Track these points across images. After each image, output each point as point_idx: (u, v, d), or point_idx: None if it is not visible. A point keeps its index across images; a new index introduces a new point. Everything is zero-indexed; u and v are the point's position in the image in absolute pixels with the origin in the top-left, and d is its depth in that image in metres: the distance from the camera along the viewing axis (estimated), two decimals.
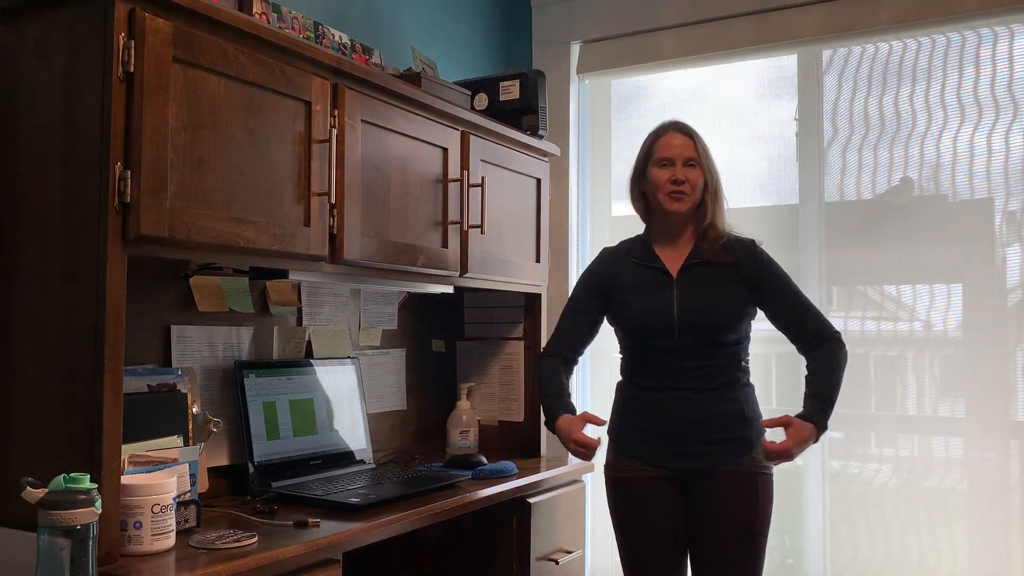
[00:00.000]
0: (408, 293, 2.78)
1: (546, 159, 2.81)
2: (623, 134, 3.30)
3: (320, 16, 2.52)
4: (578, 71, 3.32)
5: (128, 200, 1.50)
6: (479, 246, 2.44)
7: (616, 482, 2.16)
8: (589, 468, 2.72)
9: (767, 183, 3.03)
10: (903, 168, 2.80)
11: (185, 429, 1.91)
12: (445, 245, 2.31)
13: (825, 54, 2.93)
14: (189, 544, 1.60)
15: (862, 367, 2.85)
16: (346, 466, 2.34)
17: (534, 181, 2.74)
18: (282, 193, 1.82)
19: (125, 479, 1.53)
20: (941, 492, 2.72)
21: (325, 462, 2.29)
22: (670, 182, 2.12)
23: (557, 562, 2.44)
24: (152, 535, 1.54)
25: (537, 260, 2.75)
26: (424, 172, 2.25)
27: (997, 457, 2.66)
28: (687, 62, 3.13)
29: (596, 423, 2.07)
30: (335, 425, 2.37)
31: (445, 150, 2.32)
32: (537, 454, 2.78)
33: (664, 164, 2.14)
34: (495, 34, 3.39)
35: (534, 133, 2.71)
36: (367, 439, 2.46)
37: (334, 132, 1.93)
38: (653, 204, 2.18)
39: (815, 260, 2.90)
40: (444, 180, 2.32)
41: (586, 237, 3.35)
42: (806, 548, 2.88)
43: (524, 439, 2.81)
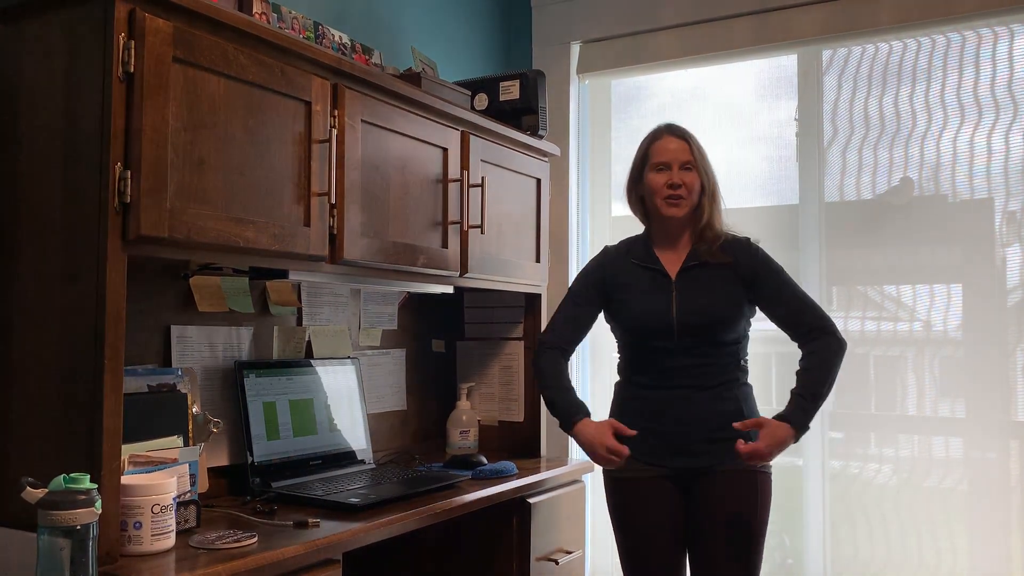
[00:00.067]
0: (408, 293, 2.78)
1: (546, 159, 2.81)
2: (623, 134, 3.30)
3: (320, 16, 2.52)
4: (578, 71, 3.32)
5: (128, 200, 1.50)
6: (479, 246, 2.44)
7: (615, 482, 2.16)
8: (589, 468, 2.72)
9: (767, 183, 3.03)
10: (903, 168, 2.80)
11: (185, 429, 1.91)
12: (445, 245, 2.31)
13: (825, 54, 2.93)
14: (189, 544, 1.60)
15: (862, 367, 2.84)
16: (346, 466, 2.34)
17: (534, 181, 2.74)
18: (282, 193, 1.82)
19: (125, 479, 1.53)
20: (941, 492, 2.72)
21: (325, 462, 2.29)
22: (667, 187, 2.12)
23: (557, 562, 2.44)
24: (152, 535, 1.54)
25: (537, 260, 2.75)
26: (424, 172, 2.25)
27: (997, 457, 2.66)
28: (687, 62, 3.13)
29: (624, 432, 2.04)
30: (335, 425, 2.37)
31: (445, 150, 2.32)
32: (537, 454, 2.78)
33: (660, 169, 2.14)
34: (495, 34, 3.39)
35: (534, 133, 2.71)
36: (367, 439, 2.46)
37: (334, 132, 1.93)
38: (651, 208, 2.19)
39: (815, 260, 2.90)
40: (444, 180, 2.32)
41: (586, 237, 3.35)
42: (806, 548, 2.88)
43: (524, 439, 2.81)
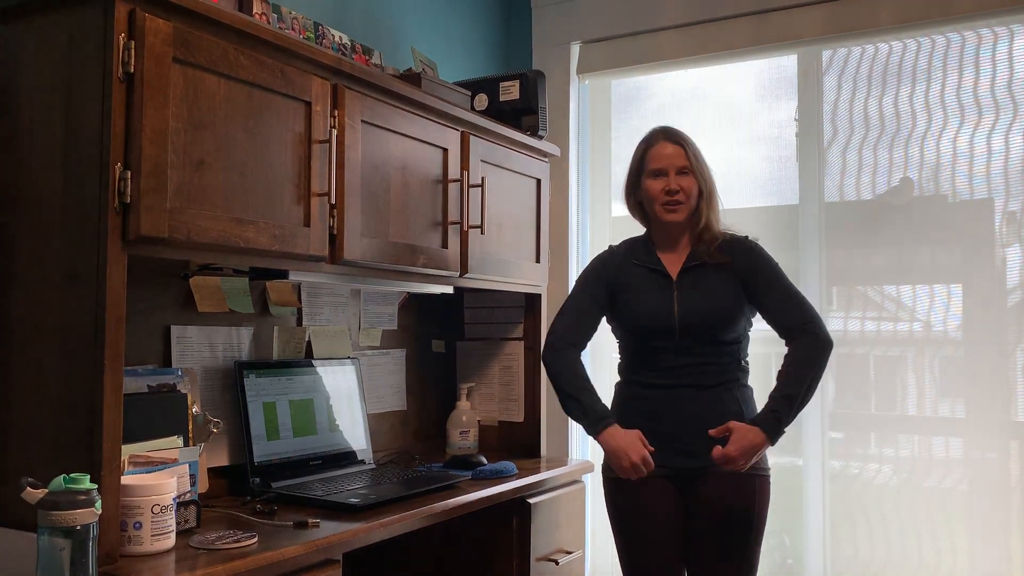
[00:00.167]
0: (408, 293, 2.78)
1: (546, 159, 2.81)
2: (623, 134, 3.30)
3: (320, 16, 2.52)
4: (578, 71, 3.32)
5: (128, 201, 1.50)
6: (479, 246, 2.44)
7: (615, 482, 2.16)
8: (589, 468, 2.72)
9: (767, 183, 3.02)
10: (903, 168, 2.80)
11: (185, 429, 1.91)
12: (445, 245, 2.31)
13: (825, 54, 2.93)
14: (189, 544, 1.60)
15: (862, 367, 2.84)
16: (346, 466, 2.34)
17: (534, 181, 2.74)
18: (282, 193, 1.82)
19: (125, 479, 1.53)
20: (941, 492, 2.72)
21: (325, 462, 2.29)
22: (664, 193, 2.13)
23: (557, 562, 2.44)
24: (152, 535, 1.54)
25: (537, 260, 2.75)
26: (424, 172, 2.25)
27: (997, 457, 2.66)
28: (687, 62, 3.13)
29: (647, 447, 2.03)
30: (335, 425, 2.37)
31: (445, 150, 2.32)
32: (537, 454, 2.78)
33: (657, 175, 2.15)
34: (495, 34, 3.39)
35: (534, 133, 2.71)
36: (367, 439, 2.46)
37: (334, 132, 1.93)
38: (650, 213, 2.20)
39: (815, 260, 2.90)
40: (444, 180, 2.32)
41: (586, 237, 3.35)
42: (806, 548, 2.88)
43: (524, 439, 2.81)
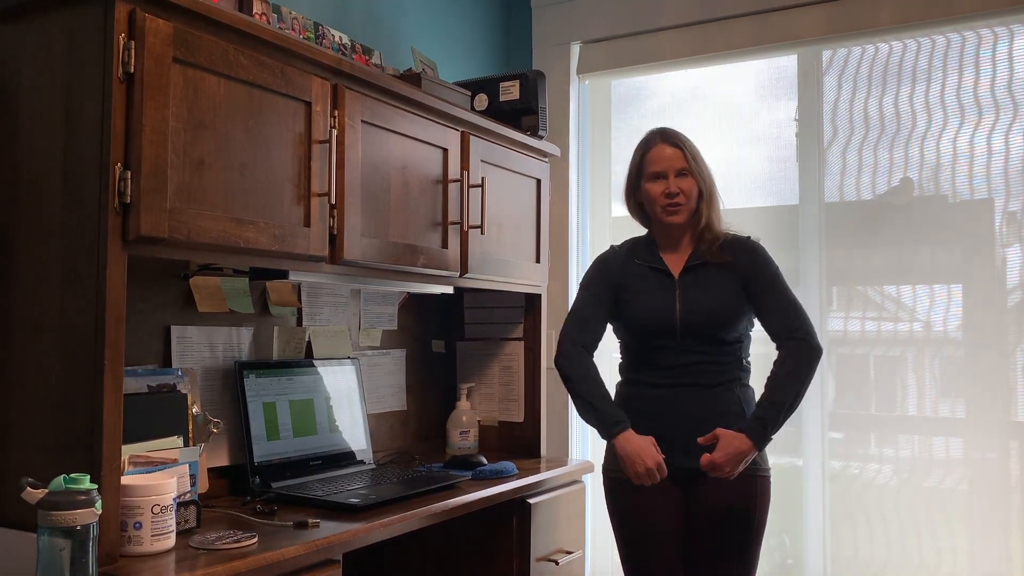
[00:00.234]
0: (408, 293, 2.78)
1: (546, 159, 2.81)
2: (623, 134, 3.30)
3: (320, 17, 2.52)
4: (578, 71, 3.32)
5: (128, 201, 1.50)
6: (479, 246, 2.44)
7: (616, 482, 2.16)
8: (589, 468, 2.72)
9: (767, 183, 3.02)
10: (903, 169, 2.80)
11: (185, 429, 1.91)
12: (445, 245, 2.31)
13: (825, 54, 2.93)
14: (189, 545, 1.60)
15: (862, 367, 2.84)
16: (346, 467, 2.34)
17: (534, 181, 2.74)
18: (282, 193, 1.82)
19: (125, 479, 1.53)
20: (941, 492, 2.72)
21: (325, 463, 2.29)
22: (664, 195, 2.13)
23: (557, 563, 2.44)
24: (152, 536, 1.54)
25: (537, 260, 2.75)
26: (424, 172, 2.25)
27: (997, 457, 2.66)
28: (687, 62, 3.13)
29: (659, 452, 2.03)
30: (335, 426, 2.37)
31: (445, 151, 2.32)
32: (537, 455, 2.78)
33: (656, 178, 2.15)
34: (495, 34, 3.39)
35: (534, 134, 2.71)
36: (367, 439, 2.46)
37: (334, 132, 1.93)
38: (651, 215, 2.20)
39: (815, 260, 2.90)
40: (444, 180, 2.32)
41: (586, 237, 3.34)
42: (806, 548, 2.88)
43: (524, 439, 2.81)
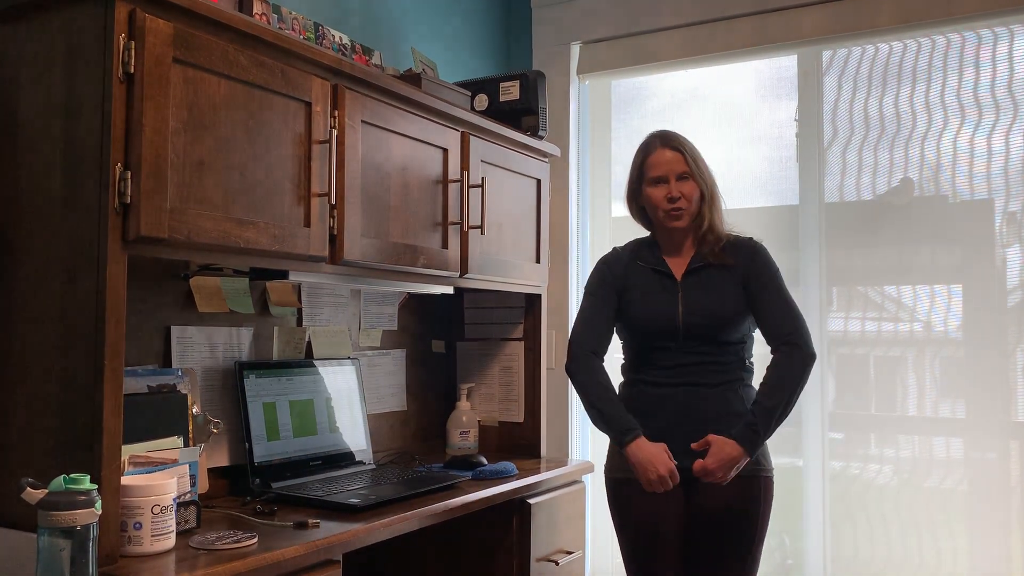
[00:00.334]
0: (408, 294, 2.78)
1: (546, 160, 2.81)
2: (623, 135, 3.30)
3: (320, 17, 2.52)
4: (578, 72, 3.32)
5: (128, 201, 1.50)
6: (479, 247, 2.44)
7: (618, 483, 2.16)
8: (589, 469, 2.72)
9: (767, 184, 3.02)
10: (903, 169, 2.80)
11: (185, 430, 1.91)
12: (445, 246, 2.31)
13: (825, 55, 2.93)
14: (189, 545, 1.60)
15: (862, 368, 2.84)
16: (346, 467, 2.34)
17: (534, 182, 2.74)
18: (282, 194, 1.82)
19: (125, 480, 1.53)
20: (941, 493, 2.72)
21: (325, 463, 2.29)
22: (666, 200, 2.13)
23: (557, 563, 2.43)
24: (152, 536, 1.54)
25: (537, 261, 2.75)
26: (424, 173, 2.25)
27: (997, 458, 2.66)
28: (687, 63, 3.13)
29: (671, 459, 2.04)
30: (335, 426, 2.37)
31: (445, 151, 2.32)
32: (537, 455, 2.78)
33: (657, 182, 2.15)
34: (495, 34, 3.39)
35: (534, 134, 2.71)
36: (367, 440, 2.46)
37: (334, 133, 1.93)
38: (654, 220, 2.20)
39: (815, 261, 2.90)
40: (444, 181, 2.32)
41: (586, 238, 3.34)
42: (806, 548, 2.88)
43: (524, 440, 2.80)
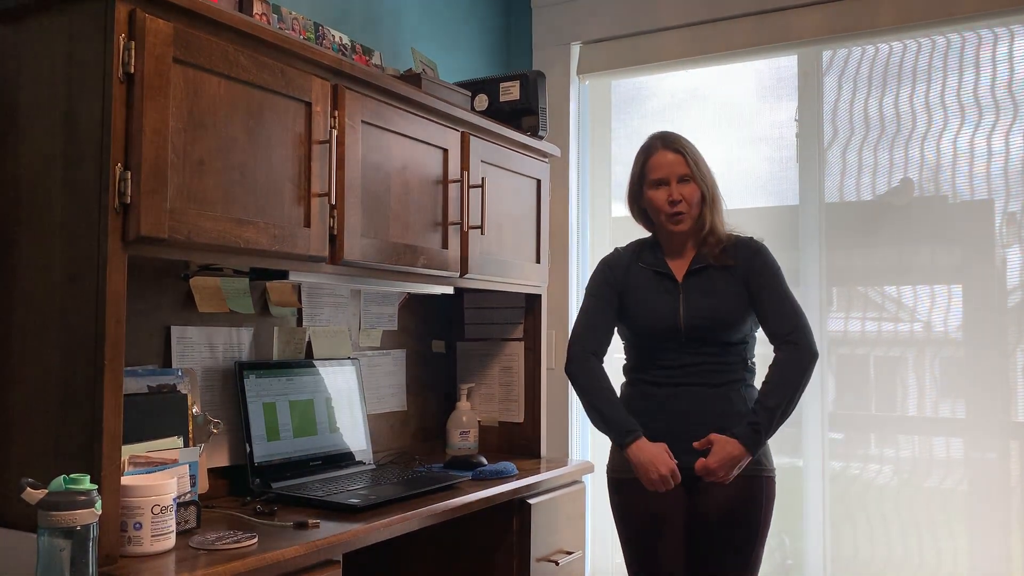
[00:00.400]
0: (408, 294, 2.78)
1: (546, 160, 2.81)
2: (623, 135, 3.30)
3: (320, 17, 2.52)
4: (578, 72, 3.32)
5: (128, 201, 1.50)
6: (479, 247, 2.44)
7: (620, 483, 2.16)
8: (589, 469, 2.72)
9: (767, 184, 3.02)
10: (903, 169, 2.80)
11: (185, 430, 1.91)
12: (445, 246, 2.31)
13: (825, 55, 2.93)
14: (189, 545, 1.60)
15: (862, 368, 2.84)
16: (346, 467, 2.34)
17: (534, 182, 2.74)
18: (282, 194, 1.82)
19: (125, 480, 1.53)
20: (941, 493, 2.72)
21: (325, 463, 2.29)
22: (668, 203, 2.13)
23: (557, 563, 2.43)
24: (152, 536, 1.54)
25: (537, 261, 2.75)
26: (424, 173, 2.25)
27: (997, 458, 2.66)
28: (687, 63, 3.13)
29: (672, 459, 2.04)
30: (335, 426, 2.37)
31: (445, 151, 2.32)
32: (537, 455, 2.78)
33: (658, 184, 2.15)
34: (495, 35, 3.39)
35: (534, 134, 2.71)
36: (367, 440, 2.46)
37: (334, 133, 1.93)
38: (655, 222, 2.20)
39: (815, 261, 2.90)
40: (444, 181, 2.32)
41: (586, 238, 3.34)
42: (806, 548, 2.88)
43: (524, 440, 2.80)
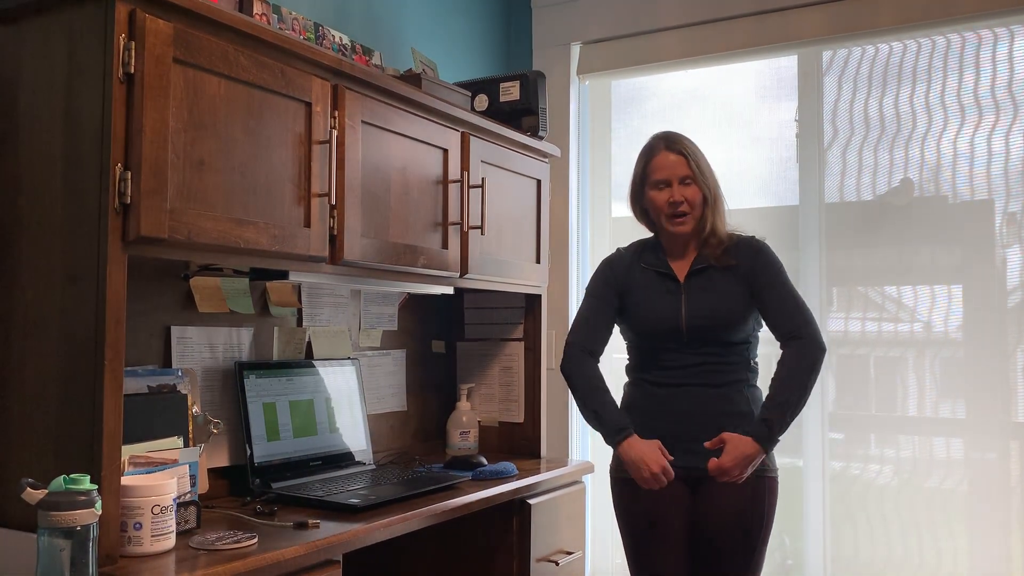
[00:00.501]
0: (408, 294, 2.78)
1: (546, 160, 2.81)
2: (623, 135, 3.30)
3: (320, 17, 2.52)
4: (578, 72, 3.32)
5: (128, 201, 1.50)
6: (479, 247, 2.44)
7: (622, 483, 2.15)
8: (589, 469, 2.72)
9: (767, 184, 3.02)
10: (903, 169, 2.80)
11: (185, 430, 1.91)
12: (445, 246, 2.31)
13: (825, 55, 2.93)
14: (189, 545, 1.60)
15: (862, 368, 2.84)
16: (346, 467, 2.34)
17: (534, 182, 2.74)
18: (282, 194, 1.82)
19: (125, 480, 1.53)
20: (941, 493, 2.72)
21: (325, 463, 2.29)
22: (669, 204, 2.13)
23: (557, 563, 2.43)
24: (152, 536, 1.54)
25: (537, 261, 2.75)
26: (424, 173, 2.25)
27: (997, 458, 2.66)
28: (687, 63, 3.13)
29: (667, 456, 2.04)
30: (335, 426, 2.37)
31: (445, 151, 2.32)
32: (537, 455, 2.78)
33: (660, 185, 2.15)
34: (495, 35, 3.39)
35: (534, 134, 2.71)
36: (367, 440, 2.46)
37: (334, 133, 1.93)
38: (656, 222, 2.20)
39: (815, 261, 2.90)
40: (444, 181, 2.32)
41: (586, 238, 3.35)
42: (806, 548, 2.88)
43: (524, 440, 2.80)
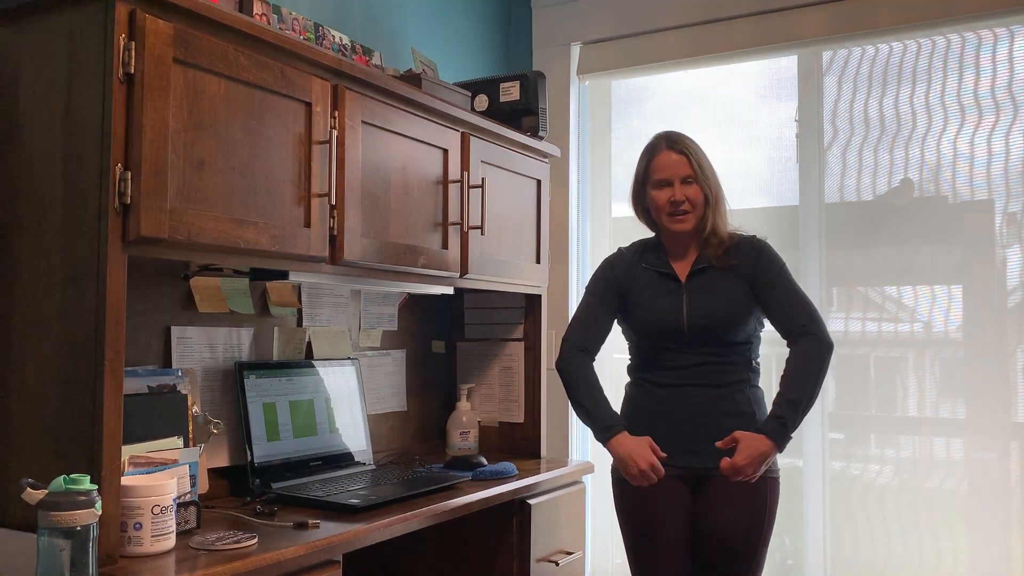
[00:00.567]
0: (408, 294, 2.78)
1: (546, 160, 2.81)
2: (623, 135, 3.30)
3: (320, 17, 2.52)
4: (578, 72, 3.32)
5: (128, 201, 1.50)
6: (479, 247, 2.44)
7: (624, 482, 2.15)
8: (589, 469, 2.72)
9: (767, 184, 3.02)
10: (903, 169, 2.80)
11: (185, 430, 1.91)
12: (445, 246, 2.31)
13: (825, 55, 2.93)
14: (189, 545, 1.60)
15: (862, 368, 2.84)
16: (346, 467, 2.34)
17: (534, 182, 2.74)
18: (282, 194, 1.82)
19: (125, 480, 1.53)
20: (941, 493, 2.72)
21: (325, 463, 2.29)
22: (670, 203, 2.13)
23: (557, 563, 2.43)
24: (152, 536, 1.54)
25: (537, 261, 2.75)
26: (424, 173, 2.25)
27: (997, 458, 2.66)
28: (687, 63, 3.13)
29: (657, 452, 2.03)
30: (335, 426, 2.37)
31: (445, 151, 2.32)
32: (537, 455, 2.78)
33: (661, 185, 2.15)
34: (495, 35, 3.39)
35: (534, 134, 2.71)
36: (367, 440, 2.46)
37: (334, 133, 1.93)
38: (657, 222, 2.21)
39: (815, 261, 2.90)
40: (444, 181, 2.32)
41: (586, 238, 3.35)
42: (806, 549, 2.88)
43: (524, 440, 2.81)
